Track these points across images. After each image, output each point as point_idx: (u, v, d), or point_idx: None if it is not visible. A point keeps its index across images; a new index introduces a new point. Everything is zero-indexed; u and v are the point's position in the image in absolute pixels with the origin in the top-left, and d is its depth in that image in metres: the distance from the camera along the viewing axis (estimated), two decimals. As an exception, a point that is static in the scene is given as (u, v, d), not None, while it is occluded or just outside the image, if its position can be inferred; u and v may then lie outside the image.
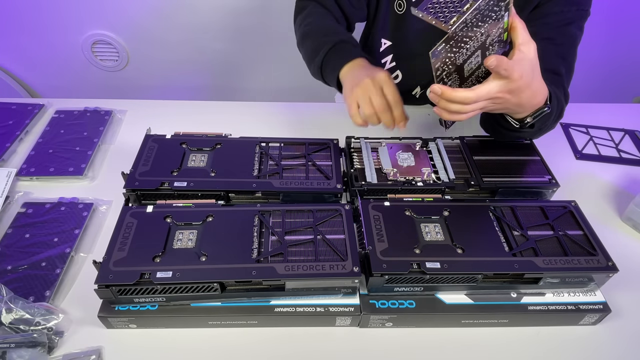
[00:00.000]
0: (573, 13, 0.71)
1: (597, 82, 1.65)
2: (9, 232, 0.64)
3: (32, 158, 0.75)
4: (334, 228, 0.59)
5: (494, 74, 0.52)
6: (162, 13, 1.38)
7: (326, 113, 0.93)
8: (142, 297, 0.53)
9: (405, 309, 0.56)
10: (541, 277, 0.57)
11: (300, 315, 0.55)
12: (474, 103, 0.53)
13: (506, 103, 0.56)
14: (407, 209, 0.62)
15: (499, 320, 0.58)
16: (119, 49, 1.46)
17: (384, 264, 0.54)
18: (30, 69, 1.53)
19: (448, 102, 0.53)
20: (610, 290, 0.60)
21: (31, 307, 0.53)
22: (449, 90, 0.51)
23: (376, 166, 0.70)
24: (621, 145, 0.89)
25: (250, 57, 1.52)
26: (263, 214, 0.60)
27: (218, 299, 0.55)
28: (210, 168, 0.67)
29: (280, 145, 0.73)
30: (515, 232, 0.60)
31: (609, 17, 1.45)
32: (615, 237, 0.71)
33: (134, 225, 0.57)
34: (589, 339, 0.58)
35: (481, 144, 0.76)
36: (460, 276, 0.55)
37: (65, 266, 0.60)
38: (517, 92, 0.54)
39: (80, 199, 0.70)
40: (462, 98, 0.52)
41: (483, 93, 0.52)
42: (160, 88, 1.60)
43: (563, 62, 0.72)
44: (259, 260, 0.54)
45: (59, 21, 1.38)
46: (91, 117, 0.85)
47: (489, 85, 0.52)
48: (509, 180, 0.70)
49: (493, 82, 0.52)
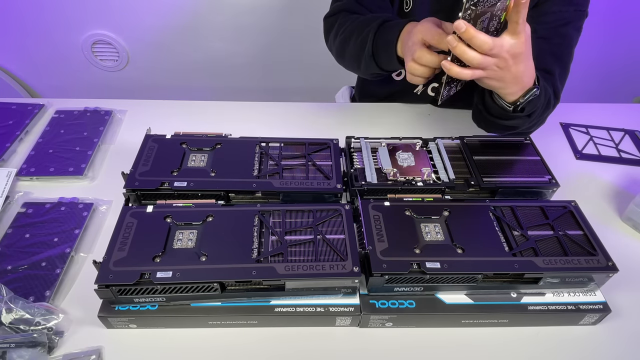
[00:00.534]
0: (571, 13, 0.71)
1: (597, 82, 1.65)
2: (9, 232, 0.64)
3: (32, 158, 0.75)
4: (334, 228, 0.59)
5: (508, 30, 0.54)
6: (162, 13, 1.38)
7: (326, 113, 0.93)
8: (142, 297, 0.53)
9: (405, 309, 0.56)
10: (541, 277, 0.57)
11: (300, 315, 0.55)
12: (486, 56, 0.54)
13: (506, 71, 0.57)
14: (407, 209, 0.62)
15: (499, 320, 0.58)
16: (119, 49, 1.46)
17: (384, 264, 0.54)
18: (30, 69, 1.53)
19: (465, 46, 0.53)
20: (610, 290, 0.60)
21: (31, 307, 0.53)
22: (473, 29, 0.51)
23: (376, 166, 0.70)
24: (621, 145, 0.89)
25: (250, 57, 1.53)
26: (263, 214, 0.60)
27: (218, 299, 0.55)
28: (210, 168, 0.67)
29: (280, 145, 0.73)
30: (515, 232, 0.60)
31: (608, 17, 1.45)
32: (615, 237, 0.71)
33: (134, 225, 0.57)
34: (588, 339, 0.58)
35: (481, 144, 0.76)
36: (460, 276, 0.55)
37: (65, 266, 0.60)
38: (518, 60, 0.56)
39: (80, 199, 0.70)
40: (481, 41, 0.52)
41: (498, 43, 0.54)
42: (160, 88, 1.60)
43: (557, 62, 0.72)
44: (259, 260, 0.54)
45: (59, 21, 1.38)
46: (91, 117, 0.85)
47: (502, 39, 0.54)
48: (509, 180, 0.70)
49: (506, 38, 0.54)
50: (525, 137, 0.78)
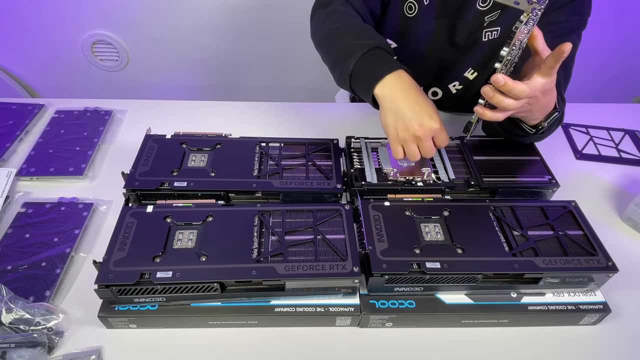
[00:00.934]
0: (576, 22, 0.71)
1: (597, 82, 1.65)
2: (9, 232, 0.64)
3: (32, 158, 0.75)
4: (334, 228, 0.59)
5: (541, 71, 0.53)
6: (162, 13, 1.38)
7: (326, 113, 0.93)
8: (142, 297, 0.53)
9: (405, 309, 0.56)
10: (541, 277, 0.57)
11: (300, 315, 0.55)
12: (521, 100, 0.54)
13: (535, 105, 0.58)
14: (407, 209, 0.62)
15: (499, 320, 0.58)
16: (119, 49, 1.46)
17: (384, 264, 0.54)
18: (30, 69, 1.53)
19: (503, 95, 0.53)
20: (610, 290, 0.60)
21: (31, 307, 0.53)
22: (511, 82, 0.52)
23: (376, 166, 0.70)
24: (621, 145, 0.89)
25: (250, 56, 1.52)
26: (263, 214, 0.60)
27: (218, 299, 0.55)
28: (210, 168, 0.67)
29: (280, 145, 0.73)
30: (515, 232, 0.60)
31: (609, 18, 1.45)
32: (615, 237, 0.71)
33: (134, 225, 0.57)
34: (589, 339, 0.58)
35: (481, 144, 0.76)
36: (460, 276, 0.55)
37: (65, 266, 0.60)
38: (548, 93, 0.57)
39: (80, 199, 0.70)
40: (519, 91, 0.52)
41: (532, 86, 0.53)
42: (160, 88, 1.60)
43: (562, 70, 0.72)
44: (259, 260, 0.54)
45: (59, 21, 1.38)
46: (91, 117, 0.85)
47: (535, 81, 0.54)
48: (509, 180, 0.70)
49: (538, 78, 0.54)
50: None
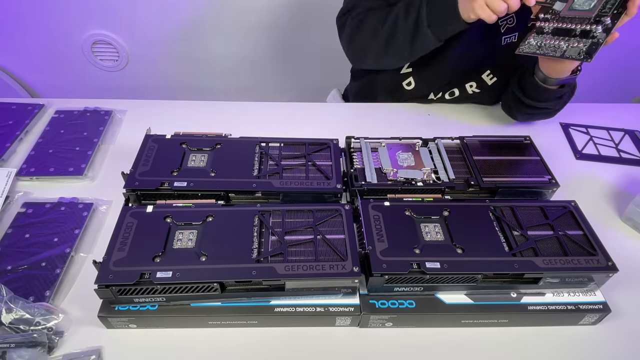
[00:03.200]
0: None
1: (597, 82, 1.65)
2: (9, 232, 0.64)
3: (32, 158, 0.75)
4: (334, 228, 0.59)
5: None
6: (162, 13, 1.38)
7: (326, 113, 0.93)
8: (142, 297, 0.53)
9: (405, 309, 0.56)
10: (541, 277, 0.57)
11: (300, 315, 0.55)
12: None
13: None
14: (407, 209, 0.62)
15: (499, 320, 0.58)
16: (119, 49, 1.46)
17: (384, 264, 0.54)
18: (30, 69, 1.53)
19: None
20: (610, 290, 0.60)
21: (31, 307, 0.53)
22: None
23: (376, 166, 0.70)
24: (621, 145, 0.89)
25: (250, 57, 1.52)
26: (263, 214, 0.60)
27: (218, 299, 0.55)
28: (210, 168, 0.67)
29: (280, 145, 0.73)
30: (515, 232, 0.60)
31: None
32: (615, 237, 0.71)
33: (134, 225, 0.57)
34: (588, 339, 0.58)
35: (481, 144, 0.76)
36: (460, 276, 0.55)
37: (65, 266, 0.60)
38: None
39: (80, 199, 0.70)
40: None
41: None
42: (160, 88, 1.60)
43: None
44: (259, 260, 0.54)
45: (59, 21, 1.38)
46: (91, 117, 0.85)
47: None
48: (509, 180, 0.70)
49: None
50: (525, 137, 0.78)
